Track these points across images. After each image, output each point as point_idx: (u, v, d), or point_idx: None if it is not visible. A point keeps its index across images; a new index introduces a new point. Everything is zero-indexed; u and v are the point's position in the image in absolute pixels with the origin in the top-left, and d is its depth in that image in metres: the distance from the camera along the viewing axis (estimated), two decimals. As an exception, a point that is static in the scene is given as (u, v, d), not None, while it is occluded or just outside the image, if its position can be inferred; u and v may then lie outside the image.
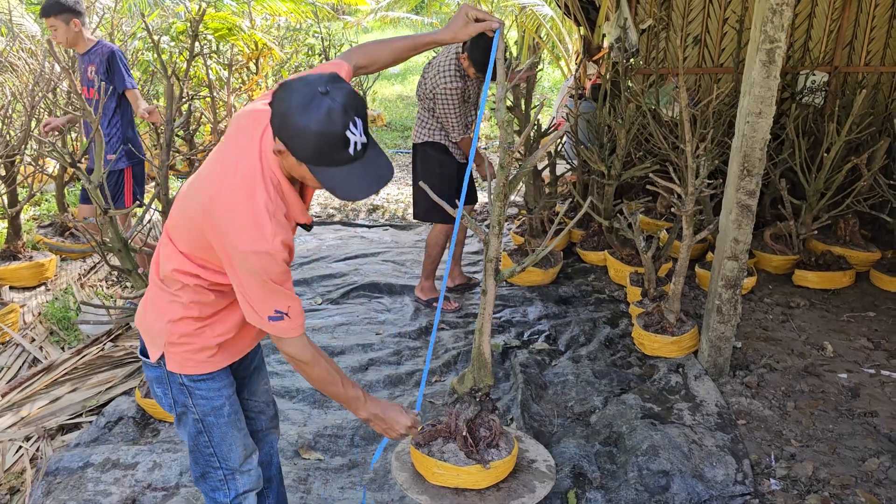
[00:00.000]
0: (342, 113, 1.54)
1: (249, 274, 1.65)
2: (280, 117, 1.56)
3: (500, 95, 2.12)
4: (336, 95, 1.54)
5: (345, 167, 1.59)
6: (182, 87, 4.37)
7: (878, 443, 2.93)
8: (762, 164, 3.16)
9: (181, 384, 1.91)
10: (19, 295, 4.64)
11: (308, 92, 1.54)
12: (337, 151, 1.56)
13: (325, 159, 1.57)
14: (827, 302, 4.37)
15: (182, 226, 1.80)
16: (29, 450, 3.07)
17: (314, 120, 1.52)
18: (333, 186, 1.60)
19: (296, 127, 1.54)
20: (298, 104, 1.53)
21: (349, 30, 15.26)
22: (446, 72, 4.05)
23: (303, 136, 1.54)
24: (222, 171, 1.71)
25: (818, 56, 5.98)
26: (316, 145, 1.55)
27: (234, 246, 1.62)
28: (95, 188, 3.05)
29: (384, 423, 2.02)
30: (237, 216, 1.63)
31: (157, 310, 1.88)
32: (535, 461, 2.50)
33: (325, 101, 1.53)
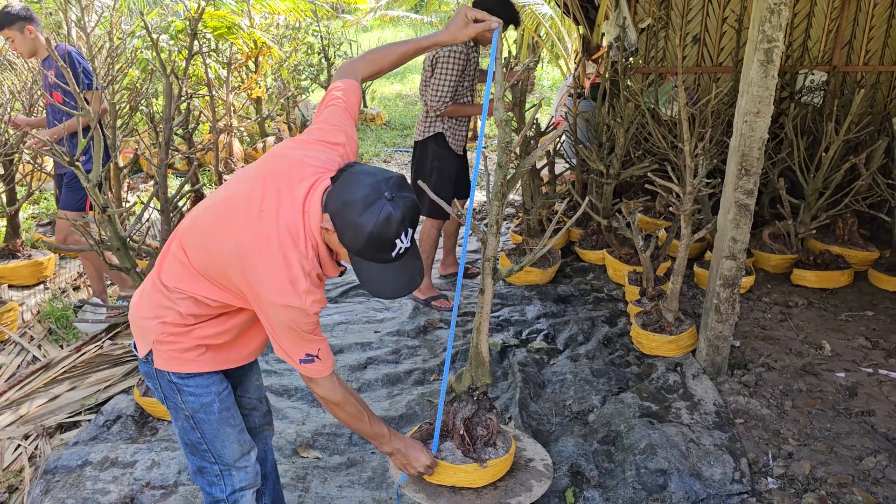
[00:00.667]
0: (399, 223, 1.63)
1: (279, 322, 1.70)
2: (339, 204, 1.63)
3: (499, 94, 2.13)
4: (398, 204, 1.62)
5: (382, 265, 1.68)
6: (181, 86, 4.36)
7: (875, 442, 2.93)
8: (760, 163, 3.17)
9: (170, 381, 1.92)
10: (18, 293, 4.64)
11: (374, 193, 1.61)
12: (382, 252, 1.65)
13: (368, 255, 1.66)
14: (825, 301, 4.38)
15: (202, 249, 1.78)
16: (28, 448, 3.07)
17: (372, 222, 1.59)
18: (366, 280, 1.70)
19: (353, 221, 1.60)
20: (362, 201, 1.60)
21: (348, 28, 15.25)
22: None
23: (357, 231, 1.61)
24: (259, 218, 1.69)
25: (817, 55, 5.98)
26: (366, 243, 1.63)
27: (267, 297, 1.66)
28: (94, 187, 3.05)
29: (405, 459, 2.15)
30: (272, 270, 1.65)
31: (151, 308, 1.88)
32: (533, 460, 2.51)
33: (388, 207, 1.60)
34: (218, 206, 1.80)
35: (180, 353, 1.88)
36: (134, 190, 7.05)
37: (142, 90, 6.63)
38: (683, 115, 3.52)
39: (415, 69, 16.89)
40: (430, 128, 4.33)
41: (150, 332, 1.87)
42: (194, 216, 1.83)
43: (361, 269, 1.69)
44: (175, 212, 4.16)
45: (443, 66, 4.13)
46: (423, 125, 4.37)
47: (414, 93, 14.46)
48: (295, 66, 10.26)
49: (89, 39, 5.91)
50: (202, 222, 1.81)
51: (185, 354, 1.88)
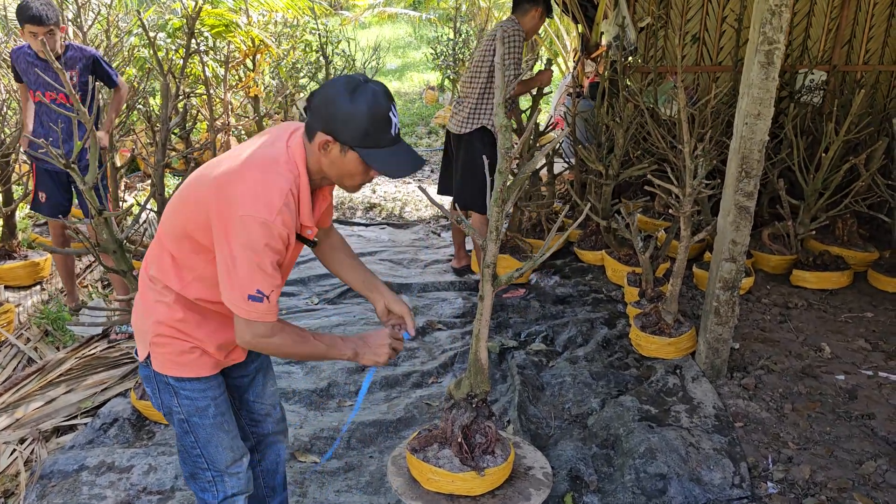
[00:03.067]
0: (385, 96, 1.71)
1: (242, 247, 1.65)
2: (326, 108, 1.69)
3: (499, 100, 2.11)
4: (375, 83, 1.72)
5: (389, 148, 1.74)
6: (178, 85, 4.33)
7: (875, 446, 2.92)
8: (760, 165, 3.15)
9: (167, 384, 1.92)
10: (14, 294, 4.62)
11: (351, 82, 1.70)
12: (382, 132, 1.71)
13: (372, 140, 1.71)
14: (825, 302, 4.36)
15: (178, 211, 1.81)
16: (23, 452, 3.05)
17: (364, 102, 1.68)
18: (380, 165, 1.73)
19: (347, 112, 1.68)
20: (345, 93, 1.68)
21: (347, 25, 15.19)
22: (511, 30, 4.24)
23: (355, 118, 1.68)
24: (240, 155, 1.75)
25: (817, 55, 5.97)
26: (367, 125, 1.68)
27: (236, 211, 1.64)
28: (90, 189, 3.03)
29: (369, 350, 1.99)
30: (248, 184, 1.67)
31: (144, 308, 1.91)
32: (532, 468, 2.49)
33: (370, 86, 1.70)
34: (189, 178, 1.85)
35: (177, 357, 1.89)
36: (131, 189, 7.02)
37: (139, 89, 6.60)
38: (683, 116, 3.51)
39: (413, 67, 16.85)
40: (474, 121, 4.42)
41: (146, 333, 1.89)
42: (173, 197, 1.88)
43: (373, 158, 1.72)
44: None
45: (509, 48, 4.23)
46: (465, 117, 4.45)
47: (413, 91, 14.42)
48: (293, 64, 10.21)
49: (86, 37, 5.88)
50: (182, 187, 1.87)
51: (181, 357, 1.89)
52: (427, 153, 9.50)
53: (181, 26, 7.17)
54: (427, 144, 10.05)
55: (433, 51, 13.63)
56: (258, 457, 2.30)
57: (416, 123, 11.40)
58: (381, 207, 7.00)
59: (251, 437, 2.26)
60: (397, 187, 7.80)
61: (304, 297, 4.69)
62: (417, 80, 15.34)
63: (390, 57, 17.58)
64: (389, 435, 3.17)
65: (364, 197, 7.37)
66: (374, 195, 7.46)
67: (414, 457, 2.31)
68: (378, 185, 7.85)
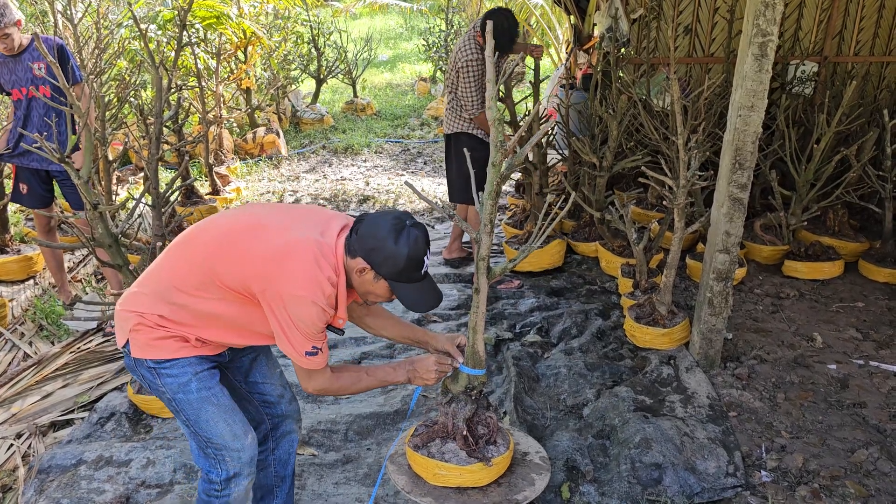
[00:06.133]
0: (424, 242, 1.97)
1: (299, 319, 1.87)
2: (372, 241, 1.91)
3: (491, 94, 2.11)
4: (419, 227, 1.97)
5: (416, 285, 2.00)
6: (170, 77, 4.31)
7: (866, 434, 2.96)
8: (754, 157, 3.17)
9: (148, 367, 1.98)
10: (7, 289, 4.60)
11: (398, 223, 1.93)
12: (415, 272, 1.96)
13: (405, 277, 1.96)
14: (816, 292, 4.40)
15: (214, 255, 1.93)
16: (21, 447, 3.06)
17: (406, 245, 1.92)
18: (406, 299, 1.99)
19: (389, 250, 1.91)
20: (392, 233, 1.91)
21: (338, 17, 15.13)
22: (466, 47, 4.39)
23: (395, 258, 1.91)
24: (303, 229, 1.94)
25: (808, 46, 5.99)
26: (403, 266, 1.93)
27: (290, 292, 1.86)
28: (85, 183, 3.02)
29: (419, 376, 2.22)
30: (303, 268, 1.87)
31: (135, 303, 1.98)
32: (528, 453, 2.51)
33: (414, 231, 1.95)
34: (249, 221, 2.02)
35: (153, 341, 1.96)
36: (123, 182, 6.99)
37: (130, 81, 6.56)
38: (676, 108, 3.52)
39: (405, 58, 16.80)
40: (455, 125, 4.63)
41: (127, 321, 1.97)
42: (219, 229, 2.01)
43: (402, 292, 1.99)
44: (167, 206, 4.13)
45: (464, 75, 4.41)
46: (449, 119, 4.68)
47: (405, 82, 14.39)
48: (284, 55, 10.17)
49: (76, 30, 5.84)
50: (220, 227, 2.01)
51: (157, 342, 1.96)
52: (419, 145, 9.50)
53: (172, 18, 7.13)
54: (419, 136, 10.04)
55: (425, 42, 13.60)
56: (272, 445, 2.33)
57: (408, 115, 11.38)
58: (375, 200, 7.00)
59: (267, 420, 2.32)
60: (391, 179, 7.80)
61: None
62: (409, 71, 15.30)
63: (382, 48, 17.52)
64: (387, 427, 3.19)
65: (358, 189, 7.36)
66: (367, 187, 7.46)
67: (417, 454, 2.32)
68: (371, 178, 7.85)
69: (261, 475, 2.35)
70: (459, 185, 4.77)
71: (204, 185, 6.74)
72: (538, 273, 4.80)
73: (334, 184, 7.58)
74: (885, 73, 6.10)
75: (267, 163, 8.31)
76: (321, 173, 8.06)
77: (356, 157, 8.82)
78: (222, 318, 1.96)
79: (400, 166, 8.46)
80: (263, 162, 8.31)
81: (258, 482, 2.36)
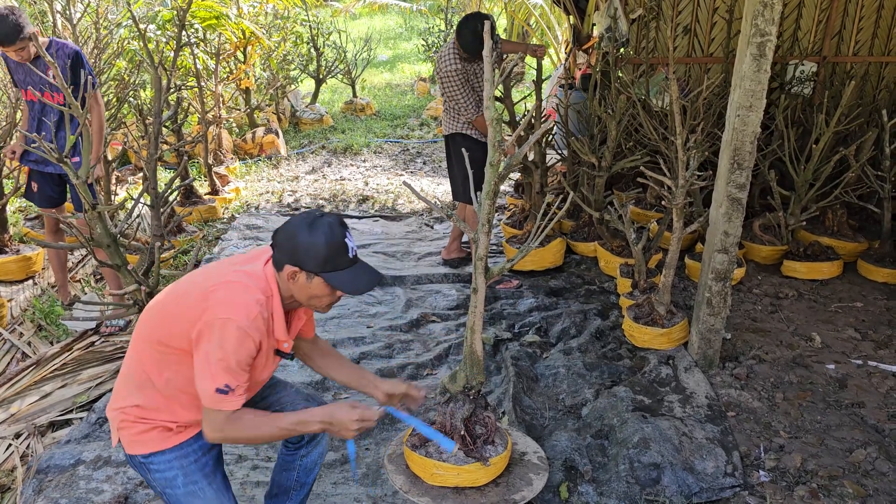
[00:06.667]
0: (339, 226, 1.95)
1: (218, 346, 1.82)
2: (289, 242, 1.92)
3: (489, 93, 2.11)
4: (330, 216, 1.95)
5: (348, 269, 1.96)
6: (169, 78, 4.31)
7: (865, 434, 2.96)
8: (752, 157, 3.17)
9: (139, 462, 2.02)
10: (6, 289, 4.60)
11: (308, 217, 1.94)
12: (341, 256, 1.94)
13: (332, 265, 1.93)
14: (815, 292, 4.41)
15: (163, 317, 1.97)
16: (19, 447, 3.06)
17: (321, 233, 1.91)
18: (342, 285, 1.95)
19: (306, 243, 1.90)
20: (304, 227, 1.91)
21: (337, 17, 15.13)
22: (446, 57, 4.40)
23: (316, 248, 1.90)
24: (228, 268, 1.98)
25: (807, 46, 5.99)
26: (326, 253, 1.91)
27: (217, 314, 1.84)
28: (83, 184, 3.02)
29: (335, 427, 2.01)
30: (230, 292, 1.89)
31: (115, 400, 2.03)
32: (526, 453, 2.52)
33: (325, 219, 1.94)
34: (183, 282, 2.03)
35: (139, 435, 1.99)
36: (122, 182, 6.99)
37: (129, 81, 6.57)
38: (675, 108, 3.52)
39: (405, 58, 16.80)
40: (451, 126, 4.66)
41: (114, 420, 2.02)
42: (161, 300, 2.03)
43: (336, 279, 1.94)
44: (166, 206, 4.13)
45: (448, 86, 4.44)
46: (446, 121, 4.71)
47: (405, 82, 14.39)
48: (284, 55, 10.17)
49: (75, 30, 5.84)
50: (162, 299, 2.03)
51: (142, 436, 1.99)
52: (419, 145, 9.50)
53: (171, 18, 7.12)
54: (419, 136, 10.04)
55: (424, 42, 13.60)
56: (305, 451, 2.31)
57: (407, 115, 11.38)
58: (374, 199, 6.99)
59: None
60: (390, 179, 7.79)
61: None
62: (409, 71, 15.30)
63: (381, 48, 17.52)
64: (385, 427, 3.19)
65: (357, 189, 7.36)
66: (366, 187, 7.45)
67: (415, 453, 2.32)
68: (371, 178, 7.85)
69: (283, 475, 2.34)
70: (458, 185, 4.81)
71: (203, 185, 6.74)
72: (537, 273, 4.80)
73: (333, 184, 7.58)
74: (884, 73, 6.10)
75: (266, 163, 8.31)
76: (320, 173, 8.06)
77: (355, 157, 8.82)
78: (188, 387, 1.94)
79: (399, 166, 8.46)
80: (263, 162, 8.31)
81: (277, 479, 2.36)
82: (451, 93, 4.43)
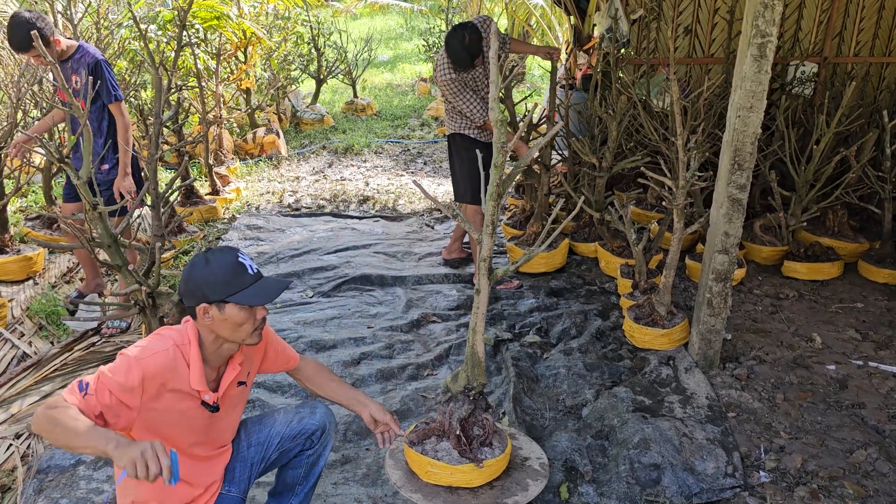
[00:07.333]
0: (227, 250, 2.00)
1: (109, 366, 1.87)
2: (190, 284, 1.95)
3: (494, 95, 2.11)
4: (214, 249, 2.00)
5: (254, 285, 1.99)
6: (170, 78, 4.31)
7: (865, 434, 2.96)
8: (753, 158, 3.17)
9: None
10: (7, 289, 4.60)
11: (197, 256, 1.99)
12: (241, 276, 1.97)
13: (236, 286, 1.95)
14: (816, 293, 4.40)
15: None
16: (20, 447, 3.06)
17: (214, 263, 1.95)
18: (252, 299, 1.96)
19: (204, 275, 1.94)
20: (197, 264, 1.97)
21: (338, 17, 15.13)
22: (440, 66, 4.38)
23: (213, 276, 1.94)
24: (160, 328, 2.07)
25: (808, 47, 5.99)
26: (225, 277, 1.94)
27: (124, 352, 1.90)
28: (84, 184, 3.02)
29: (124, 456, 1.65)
30: (144, 342, 1.95)
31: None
32: (529, 459, 2.51)
33: (208, 253, 1.99)
34: None
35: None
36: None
37: (130, 81, 6.57)
38: (676, 109, 3.52)
39: (405, 58, 16.81)
40: (452, 126, 4.65)
41: None
42: None
43: (243, 297, 1.95)
44: (166, 207, 4.13)
45: (449, 94, 4.42)
46: (448, 121, 4.70)
47: (405, 83, 14.39)
48: (284, 56, 10.17)
49: (76, 30, 5.84)
50: None
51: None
52: (419, 145, 9.50)
53: (172, 18, 7.13)
54: (419, 137, 10.04)
55: (425, 42, 13.61)
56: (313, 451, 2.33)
57: (408, 115, 11.38)
58: (375, 200, 6.99)
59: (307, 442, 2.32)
60: (390, 180, 7.80)
61: (298, 291, 4.69)
62: (409, 71, 15.30)
63: (382, 48, 17.52)
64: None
65: (357, 190, 7.36)
66: (367, 188, 7.46)
67: (412, 450, 2.33)
68: (371, 178, 7.85)
69: (288, 473, 2.35)
70: (460, 185, 4.81)
71: (204, 186, 6.74)
72: (538, 273, 4.80)
73: (334, 184, 7.58)
74: (885, 73, 6.10)
75: (267, 163, 8.31)
76: (321, 174, 8.06)
77: (356, 158, 8.82)
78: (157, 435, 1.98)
79: (400, 167, 8.46)
80: (263, 162, 8.32)
81: (283, 477, 2.37)
82: (452, 99, 4.41)
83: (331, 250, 5.39)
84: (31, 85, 4.93)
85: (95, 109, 4.01)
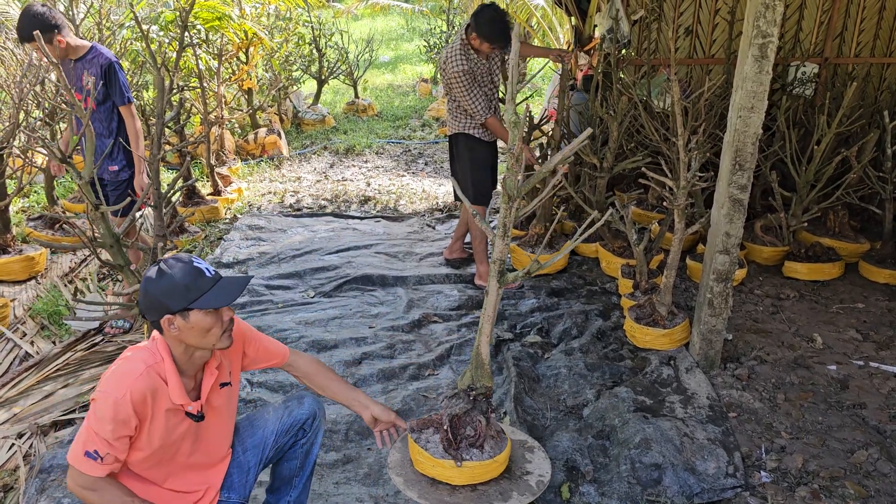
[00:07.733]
0: (180, 259, 1.96)
1: (94, 415, 1.89)
2: (150, 298, 1.92)
3: (511, 95, 2.12)
4: (167, 258, 1.97)
5: (214, 287, 1.96)
6: (172, 78, 4.32)
7: (866, 434, 2.97)
8: (754, 158, 3.18)
9: None
10: (9, 289, 4.61)
11: (150, 270, 1.95)
12: (200, 280, 1.94)
13: (196, 291, 1.92)
14: (816, 293, 4.41)
15: None
16: (22, 447, 3.06)
17: (168, 275, 1.92)
18: (216, 300, 1.94)
19: (162, 287, 1.91)
20: (152, 278, 1.93)
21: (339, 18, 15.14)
22: (452, 57, 4.28)
23: (172, 285, 1.91)
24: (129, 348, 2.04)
25: (808, 47, 5.99)
26: (184, 283, 1.91)
27: (101, 388, 1.90)
28: (86, 184, 3.03)
29: None
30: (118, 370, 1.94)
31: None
32: (530, 474, 2.47)
33: (161, 264, 1.95)
34: None
35: None
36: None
37: (132, 82, 6.57)
38: (677, 109, 3.53)
39: (406, 59, 16.82)
40: (455, 125, 4.60)
41: None
42: None
43: (205, 301, 1.93)
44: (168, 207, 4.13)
45: (456, 87, 4.34)
46: (451, 121, 4.64)
47: (407, 83, 14.40)
48: (286, 56, 10.19)
49: (78, 31, 5.85)
50: None
51: None
52: (421, 146, 9.50)
53: (174, 19, 7.14)
54: (420, 137, 10.04)
55: (426, 43, 13.62)
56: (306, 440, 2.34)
57: (409, 116, 11.39)
58: (376, 200, 7.00)
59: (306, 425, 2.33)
60: (392, 180, 7.80)
61: (300, 291, 4.70)
62: (410, 72, 15.31)
63: (383, 49, 17.53)
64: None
65: (359, 190, 7.37)
66: (368, 188, 7.46)
67: (410, 436, 2.36)
68: (373, 179, 7.86)
69: (284, 465, 2.36)
70: (465, 183, 4.74)
71: (205, 186, 6.75)
72: (539, 274, 4.81)
73: (335, 185, 7.59)
74: (886, 74, 6.09)
75: (268, 163, 8.32)
76: (322, 174, 8.07)
77: (357, 158, 8.83)
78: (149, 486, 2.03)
79: (401, 167, 8.47)
80: (265, 163, 8.32)
81: (278, 471, 2.37)
82: (459, 94, 4.33)
83: (332, 250, 5.40)
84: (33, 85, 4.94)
85: (105, 110, 4.01)
